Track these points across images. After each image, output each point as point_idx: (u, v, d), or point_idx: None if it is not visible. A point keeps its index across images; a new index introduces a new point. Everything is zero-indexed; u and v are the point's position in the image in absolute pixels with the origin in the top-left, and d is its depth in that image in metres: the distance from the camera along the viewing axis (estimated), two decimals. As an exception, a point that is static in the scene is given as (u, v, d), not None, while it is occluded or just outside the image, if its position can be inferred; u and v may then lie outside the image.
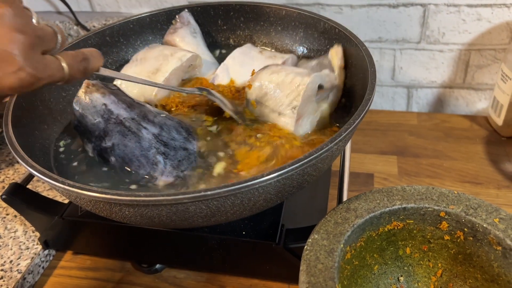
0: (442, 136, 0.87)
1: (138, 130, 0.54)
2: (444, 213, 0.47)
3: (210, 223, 0.48)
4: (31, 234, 0.69)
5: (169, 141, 0.54)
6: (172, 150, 0.54)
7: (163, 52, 0.69)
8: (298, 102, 0.56)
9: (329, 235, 0.45)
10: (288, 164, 0.42)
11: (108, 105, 0.55)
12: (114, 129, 0.54)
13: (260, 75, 0.60)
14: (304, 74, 0.57)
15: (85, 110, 0.55)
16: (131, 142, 0.53)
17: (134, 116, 0.55)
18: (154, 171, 0.53)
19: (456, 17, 0.85)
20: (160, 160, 0.53)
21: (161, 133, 0.54)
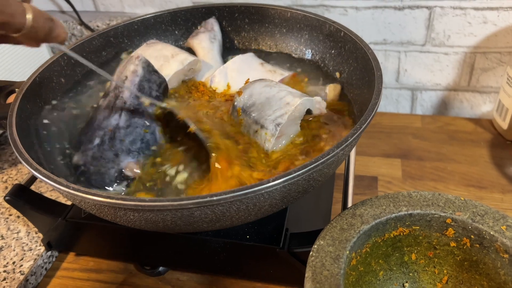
0: (446, 139, 0.87)
1: (115, 112, 0.56)
2: (450, 220, 0.46)
3: (215, 227, 0.47)
4: (34, 235, 0.69)
5: (117, 139, 0.55)
6: (109, 145, 0.55)
7: (163, 52, 0.68)
8: (283, 120, 0.54)
9: (334, 241, 0.44)
10: (294, 169, 0.42)
11: (128, 79, 0.58)
12: (110, 95, 0.58)
13: (253, 85, 0.59)
14: (296, 95, 0.56)
15: (118, 70, 0.60)
16: (102, 114, 0.57)
17: (128, 102, 0.57)
18: (84, 144, 0.55)
19: (462, 20, 0.85)
20: (95, 142, 0.55)
21: (121, 129, 0.56)
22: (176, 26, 0.78)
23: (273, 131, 0.54)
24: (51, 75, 0.64)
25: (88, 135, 0.56)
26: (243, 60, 0.69)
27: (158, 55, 0.67)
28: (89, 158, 0.54)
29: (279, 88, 0.58)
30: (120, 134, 0.55)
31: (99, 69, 0.52)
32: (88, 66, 0.51)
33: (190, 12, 0.77)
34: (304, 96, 0.56)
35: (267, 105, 0.56)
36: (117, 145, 0.55)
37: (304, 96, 0.56)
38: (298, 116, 0.56)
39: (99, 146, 0.54)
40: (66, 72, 0.67)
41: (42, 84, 0.62)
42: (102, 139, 0.55)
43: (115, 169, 0.54)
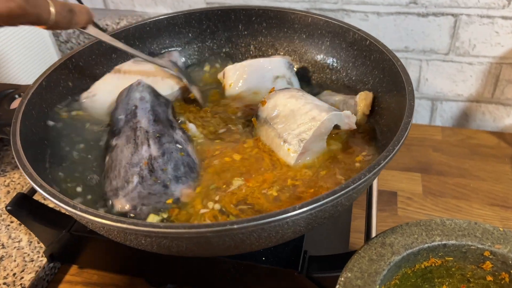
0: (468, 153, 0.83)
1: (141, 144, 0.51)
2: (488, 253, 0.43)
3: (232, 253, 0.44)
4: (36, 245, 0.66)
5: (158, 170, 0.49)
6: (153, 179, 0.48)
7: (152, 73, 0.64)
8: (307, 136, 0.50)
9: (363, 274, 0.41)
10: (323, 196, 0.38)
11: (138, 107, 0.54)
12: (125, 132, 0.52)
13: (277, 95, 0.56)
14: (324, 109, 0.52)
15: (119, 103, 0.56)
16: (127, 151, 0.50)
17: (150, 130, 0.52)
18: (122, 189, 0.48)
19: (489, 29, 0.81)
20: (134, 180, 0.48)
21: (157, 159, 0.50)
22: (190, 28, 0.74)
23: (296, 147, 0.51)
24: (59, 78, 0.61)
25: (120, 178, 0.49)
26: (260, 66, 0.64)
27: (146, 74, 0.63)
28: (137, 199, 0.47)
29: (305, 100, 0.54)
30: (159, 164, 0.49)
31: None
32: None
33: (205, 14, 0.73)
34: (332, 111, 0.52)
35: (292, 118, 0.52)
36: (161, 176, 0.48)
37: (332, 110, 0.52)
38: (324, 132, 0.52)
39: (141, 183, 0.48)
40: (74, 75, 0.63)
41: (48, 89, 0.59)
42: (141, 175, 0.48)
43: (173, 196, 0.48)
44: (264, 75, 0.64)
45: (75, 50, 0.63)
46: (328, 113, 0.51)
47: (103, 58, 0.67)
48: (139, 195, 0.47)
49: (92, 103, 0.60)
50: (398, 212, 0.72)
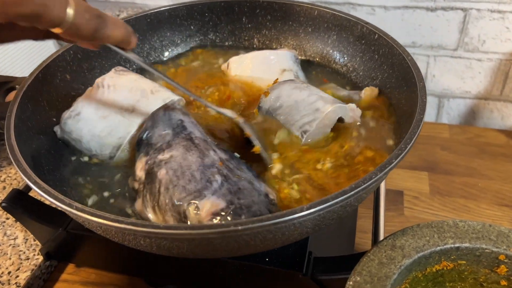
0: (476, 152, 0.81)
1: (206, 150, 0.47)
2: (504, 256, 0.41)
3: (235, 255, 0.42)
4: (32, 243, 0.64)
5: (235, 169, 0.46)
6: (235, 177, 0.45)
7: (140, 84, 0.56)
8: (311, 127, 0.50)
9: (373, 278, 0.39)
10: (332, 196, 0.36)
11: (184, 122, 0.51)
12: (180, 143, 0.47)
13: (281, 86, 0.54)
14: (328, 100, 0.51)
15: (157, 122, 0.51)
16: (193, 157, 0.45)
17: (207, 139, 0.49)
18: (205, 189, 0.43)
19: (499, 24, 0.78)
20: (217, 179, 0.44)
21: (230, 160, 0.47)
22: (192, 21, 0.72)
23: (299, 138, 0.50)
24: (56, 71, 0.58)
25: (197, 180, 0.44)
26: (266, 57, 0.63)
27: (133, 87, 0.56)
28: (230, 195, 0.42)
29: (310, 91, 0.53)
30: (233, 165, 0.46)
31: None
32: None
33: (208, 5, 0.71)
34: (337, 103, 0.51)
35: (295, 109, 0.51)
36: (242, 174, 0.45)
37: (337, 102, 0.51)
38: (328, 124, 0.51)
39: (226, 181, 0.44)
40: (72, 68, 0.61)
41: (45, 81, 0.57)
42: (222, 174, 0.44)
43: (262, 195, 0.44)
44: (270, 67, 0.62)
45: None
46: (333, 105, 0.50)
47: (102, 50, 0.65)
48: (230, 191, 0.43)
49: (77, 123, 0.53)
50: (405, 212, 0.70)
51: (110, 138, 0.53)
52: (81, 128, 0.53)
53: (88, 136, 0.53)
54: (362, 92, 0.57)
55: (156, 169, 0.46)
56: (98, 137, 0.53)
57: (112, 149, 0.53)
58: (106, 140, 0.53)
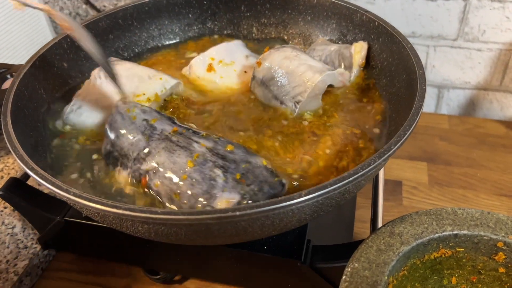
0: (476, 142, 0.81)
1: (189, 144, 0.44)
2: (502, 244, 0.41)
3: (233, 241, 0.42)
4: (30, 232, 0.63)
5: (227, 154, 0.44)
6: (232, 163, 0.43)
7: (136, 71, 0.57)
8: (303, 98, 0.53)
9: (371, 265, 0.39)
10: (330, 182, 0.36)
11: (149, 120, 0.47)
12: (158, 146, 0.45)
13: (272, 56, 0.56)
14: (317, 69, 0.53)
15: (120, 129, 0.47)
16: (181, 158, 0.43)
17: (181, 131, 0.46)
18: (213, 188, 0.41)
19: (499, 14, 0.78)
20: (218, 173, 0.42)
21: (215, 147, 0.45)
22: (190, 9, 0.71)
23: (293, 108, 0.54)
24: (53, 58, 0.58)
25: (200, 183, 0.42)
26: (227, 49, 0.63)
27: (129, 75, 0.56)
28: (239, 186, 0.42)
29: (299, 61, 0.54)
30: (221, 150, 0.45)
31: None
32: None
33: (206, -6, 0.70)
34: (326, 71, 0.53)
35: (287, 80, 0.54)
36: (234, 156, 0.44)
37: (326, 70, 0.53)
38: (318, 93, 0.54)
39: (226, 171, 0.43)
40: (69, 55, 0.61)
41: (42, 69, 0.56)
42: (219, 166, 0.43)
43: (263, 169, 0.44)
44: (235, 56, 0.63)
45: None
46: (322, 74, 0.52)
47: (99, 38, 0.64)
48: (236, 181, 0.42)
49: (79, 116, 0.54)
50: (403, 202, 0.70)
51: (146, 96, 0.54)
52: (83, 121, 0.54)
53: (93, 127, 0.54)
54: (352, 48, 0.58)
55: (149, 182, 0.44)
56: (101, 125, 0.53)
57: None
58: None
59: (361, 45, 0.59)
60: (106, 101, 0.54)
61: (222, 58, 0.62)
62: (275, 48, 0.58)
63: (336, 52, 0.60)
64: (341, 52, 0.60)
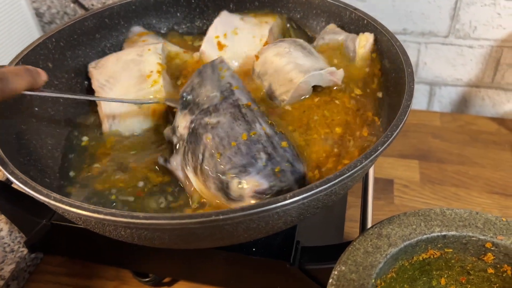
0: (468, 140, 0.80)
1: (253, 121, 0.46)
2: (490, 244, 0.40)
3: (219, 245, 0.41)
4: (17, 235, 0.63)
5: (278, 148, 0.45)
6: (279, 157, 0.44)
7: (125, 60, 0.58)
8: (287, 97, 0.53)
9: (358, 267, 0.38)
10: (316, 185, 0.35)
11: (232, 85, 0.50)
12: (227, 109, 0.47)
13: (267, 52, 0.57)
14: (303, 69, 0.52)
15: (206, 80, 0.51)
16: (240, 128, 0.45)
17: (253, 108, 0.48)
18: (251, 166, 0.43)
19: (491, 10, 0.77)
20: (262, 157, 0.43)
21: (273, 137, 0.46)
22: (178, 8, 0.70)
23: (278, 103, 0.54)
24: (37, 59, 0.57)
25: (243, 154, 0.44)
26: (222, 22, 0.63)
27: (124, 65, 0.57)
28: (273, 176, 0.42)
29: (289, 58, 0.54)
30: (275, 141, 0.45)
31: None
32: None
33: (194, -8, 0.69)
34: (311, 71, 0.51)
35: (276, 77, 0.54)
36: (284, 153, 0.44)
37: (312, 70, 0.52)
38: (303, 93, 0.53)
39: (270, 160, 0.43)
40: (54, 56, 0.59)
41: (26, 70, 0.55)
42: (267, 152, 0.44)
43: (301, 178, 0.44)
44: (233, 23, 0.64)
45: (56, 29, 0.60)
46: (306, 74, 0.51)
47: (85, 37, 0.63)
48: (274, 172, 0.43)
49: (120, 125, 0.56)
50: (395, 201, 0.70)
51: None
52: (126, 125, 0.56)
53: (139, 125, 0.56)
54: (356, 42, 0.56)
55: (201, 130, 0.46)
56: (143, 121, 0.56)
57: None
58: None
59: (366, 37, 0.57)
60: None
61: (225, 31, 0.62)
62: (273, 42, 0.59)
63: (342, 41, 0.59)
64: (347, 44, 0.58)
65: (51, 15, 0.93)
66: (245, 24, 0.64)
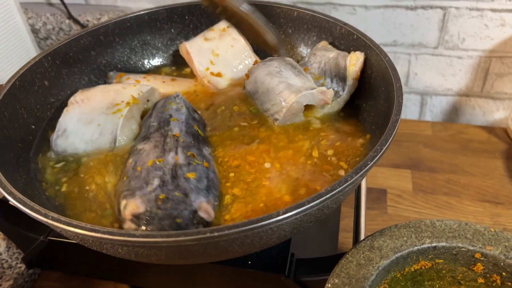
0: (459, 148, 0.82)
1: (169, 150, 0.48)
2: (479, 255, 0.41)
3: (214, 260, 0.42)
4: (15, 251, 0.63)
5: (181, 178, 0.46)
6: (174, 186, 0.45)
7: (109, 88, 0.59)
8: (280, 116, 0.54)
9: (351, 280, 0.39)
10: (308, 200, 0.36)
11: (172, 116, 0.53)
12: (154, 138, 0.50)
13: (257, 70, 0.58)
14: (294, 89, 0.53)
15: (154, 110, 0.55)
16: (153, 155, 0.48)
17: (180, 139, 0.50)
18: (139, 189, 0.44)
19: (478, 22, 0.79)
20: (154, 183, 0.45)
21: (182, 167, 0.47)
22: (172, 24, 0.71)
23: (272, 123, 0.55)
24: (34, 77, 0.58)
25: (140, 178, 0.45)
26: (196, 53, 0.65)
27: (104, 91, 0.58)
28: (153, 202, 0.43)
29: (280, 78, 0.55)
30: (183, 172, 0.46)
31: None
32: None
33: (188, 8, 0.71)
34: (301, 92, 0.52)
35: (267, 97, 0.55)
36: (183, 184, 0.44)
37: (303, 90, 0.53)
38: (295, 113, 0.54)
39: (161, 187, 0.44)
40: (51, 74, 0.61)
41: (23, 88, 0.56)
42: (163, 179, 0.44)
43: (188, 210, 0.43)
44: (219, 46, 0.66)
45: (51, 48, 0.61)
46: (297, 94, 0.52)
47: (81, 55, 0.64)
48: (157, 198, 0.43)
49: (66, 139, 0.54)
50: (388, 210, 0.71)
51: (103, 137, 0.54)
52: (72, 142, 0.54)
53: (83, 145, 0.54)
54: (347, 60, 0.57)
55: (130, 155, 0.50)
56: (91, 141, 0.54)
57: (110, 145, 0.54)
58: (100, 140, 0.54)
59: (357, 56, 0.58)
60: (87, 117, 0.55)
61: (208, 60, 0.64)
62: (263, 61, 0.60)
63: (334, 60, 0.59)
64: (338, 62, 0.59)
65: (46, 31, 0.95)
66: (214, 42, 0.65)
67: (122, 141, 0.54)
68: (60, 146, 0.54)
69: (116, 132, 0.54)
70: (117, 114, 0.55)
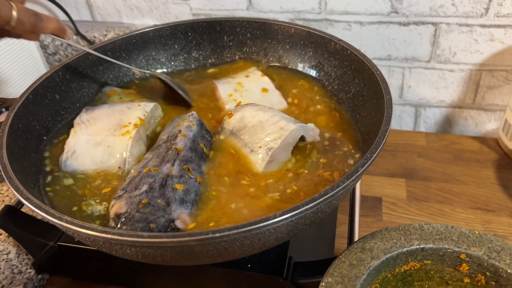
0: (452, 158, 0.84)
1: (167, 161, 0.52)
2: (464, 255, 0.44)
3: (216, 261, 0.45)
4: (25, 257, 0.66)
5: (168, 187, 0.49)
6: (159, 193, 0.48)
7: (114, 108, 0.61)
8: (276, 144, 0.53)
9: (343, 279, 0.42)
10: (302, 203, 0.39)
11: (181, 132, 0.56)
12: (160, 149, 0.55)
13: (244, 108, 0.58)
14: (291, 120, 0.55)
15: (169, 126, 0.59)
16: (151, 164, 0.52)
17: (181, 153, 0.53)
18: (128, 192, 0.49)
19: (468, 37, 0.83)
20: (142, 188, 0.49)
21: (173, 178, 0.50)
22: (175, 40, 0.75)
23: (264, 155, 0.53)
24: (45, 91, 0.61)
25: (133, 183, 0.49)
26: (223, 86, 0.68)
27: (109, 112, 0.60)
28: (135, 205, 0.46)
29: (273, 113, 0.56)
30: (172, 182, 0.49)
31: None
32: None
33: (191, 26, 0.74)
34: (298, 122, 0.55)
35: (260, 128, 0.55)
36: (169, 193, 0.48)
37: (298, 122, 0.55)
38: (291, 142, 0.55)
39: (147, 192, 0.47)
40: (61, 88, 0.64)
41: (35, 102, 0.59)
42: (151, 186, 0.48)
43: (165, 218, 0.46)
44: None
45: (62, 63, 0.64)
46: (296, 124, 0.54)
47: (89, 70, 0.68)
48: (139, 202, 0.47)
49: (76, 160, 0.56)
50: (383, 218, 0.73)
51: (113, 158, 0.56)
52: (82, 163, 0.56)
53: (93, 166, 0.55)
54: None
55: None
56: (101, 163, 0.56)
57: (119, 165, 0.56)
58: (110, 162, 0.56)
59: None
60: (96, 139, 0.57)
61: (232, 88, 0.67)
62: (245, 104, 0.61)
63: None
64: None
65: (55, 46, 0.99)
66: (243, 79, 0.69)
67: (132, 161, 0.56)
68: (70, 167, 0.56)
69: (125, 153, 0.56)
70: (126, 136, 0.57)
